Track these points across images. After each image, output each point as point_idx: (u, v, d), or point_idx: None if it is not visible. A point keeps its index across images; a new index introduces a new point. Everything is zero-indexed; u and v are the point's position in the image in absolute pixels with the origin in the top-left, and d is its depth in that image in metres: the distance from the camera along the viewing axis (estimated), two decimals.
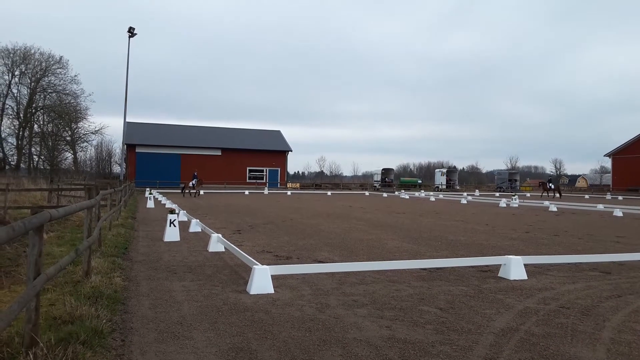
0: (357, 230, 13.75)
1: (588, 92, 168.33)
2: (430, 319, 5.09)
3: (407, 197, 40.32)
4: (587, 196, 49.47)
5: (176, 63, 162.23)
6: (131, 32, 50.54)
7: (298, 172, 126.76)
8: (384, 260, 8.33)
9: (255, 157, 64.38)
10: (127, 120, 54.27)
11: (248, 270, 6.63)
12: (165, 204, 23.42)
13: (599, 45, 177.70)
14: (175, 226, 11.01)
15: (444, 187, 66.73)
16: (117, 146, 70.64)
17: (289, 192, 46.80)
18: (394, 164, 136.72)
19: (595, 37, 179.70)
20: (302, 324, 4.85)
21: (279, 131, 72.91)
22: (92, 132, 61.62)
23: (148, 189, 30.69)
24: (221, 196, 37.55)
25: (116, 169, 75.01)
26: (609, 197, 45.74)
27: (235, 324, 4.81)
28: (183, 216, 15.22)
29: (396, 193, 48.60)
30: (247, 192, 44.68)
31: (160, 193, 36.49)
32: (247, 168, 64.08)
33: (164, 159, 58.43)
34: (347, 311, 5.32)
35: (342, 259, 8.73)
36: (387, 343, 4.31)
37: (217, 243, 9.38)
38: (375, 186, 68.31)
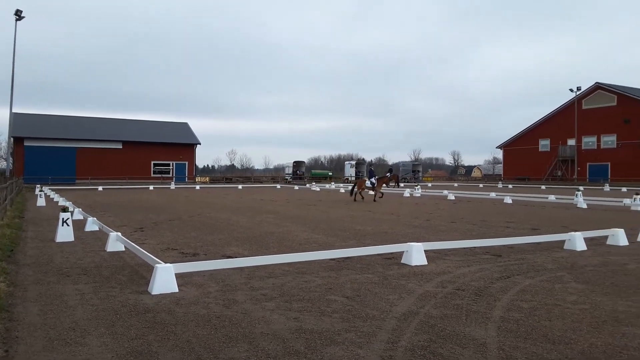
0: (268, 223, 13.68)
1: (484, 88, 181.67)
2: (337, 307, 5.18)
3: (318, 189, 40.91)
4: (481, 185, 53.45)
5: (73, 50, 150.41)
6: (18, 15, 45.90)
7: (207, 165, 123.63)
8: (294, 252, 8.35)
9: (160, 150, 61.62)
10: (14, 111, 49.33)
11: (150, 269, 6.30)
12: (58, 202, 21.66)
13: (496, 44, 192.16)
14: (68, 225, 10.20)
15: (354, 178, 68.63)
16: (3, 139, 64.10)
17: (197, 187, 45.45)
18: (305, 156, 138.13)
19: (493, 37, 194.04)
20: (207, 321, 4.70)
21: (186, 123, 70.45)
22: None
23: (38, 185, 28.19)
24: (122, 192, 35.51)
25: (1, 164, 68.11)
26: (500, 185, 49.77)
27: (134, 327, 4.54)
28: (78, 214, 14.16)
29: (307, 185, 49.12)
30: (151, 187, 42.69)
31: (53, 190, 33.72)
32: (152, 162, 61.18)
33: (57, 153, 53.92)
34: (255, 306, 5.25)
35: (252, 253, 8.62)
36: (295, 335, 4.31)
37: (116, 242, 8.82)
38: (287, 179, 68.55)
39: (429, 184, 55.61)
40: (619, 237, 9.77)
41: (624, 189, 37.80)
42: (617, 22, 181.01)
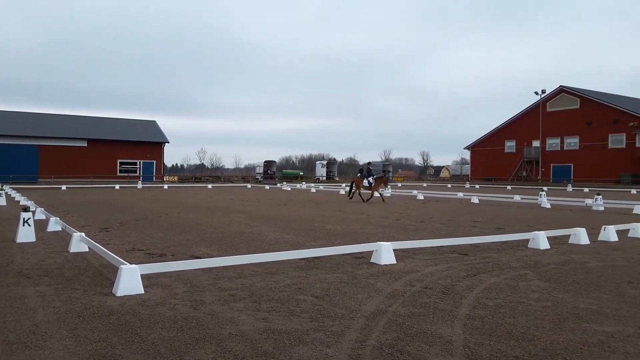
0: (238, 223, 13.56)
1: (453, 90, 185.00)
2: (306, 307, 5.17)
3: (289, 188, 40.83)
4: (449, 185, 54.37)
5: (32, 46, 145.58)
6: None
7: (176, 164, 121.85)
8: (264, 252, 8.30)
9: (127, 148, 60.36)
10: None
11: (115, 270, 6.15)
12: (19, 201, 20.93)
13: (464, 47, 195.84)
14: (30, 225, 9.86)
15: (324, 178, 68.82)
16: None
17: (165, 186, 44.66)
18: (276, 156, 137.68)
19: (461, 40, 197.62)
20: (174, 323, 4.62)
21: (154, 121, 69.22)
22: None
23: None
24: (87, 191, 34.60)
25: None
26: (467, 186, 50.77)
27: (98, 329, 4.42)
28: (40, 214, 13.71)
29: (278, 185, 48.97)
30: (117, 186, 41.70)
31: (14, 189, 32.58)
32: (118, 160, 59.92)
33: (18, 151, 52.08)
34: (223, 306, 5.18)
35: (221, 253, 8.52)
36: (263, 335, 4.27)
37: (79, 242, 8.57)
38: (258, 178, 68.19)
39: (399, 184, 56.24)
40: (580, 236, 10.08)
41: (586, 190, 39.11)
42: (580, 28, 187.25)
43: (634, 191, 36.52)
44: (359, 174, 25.95)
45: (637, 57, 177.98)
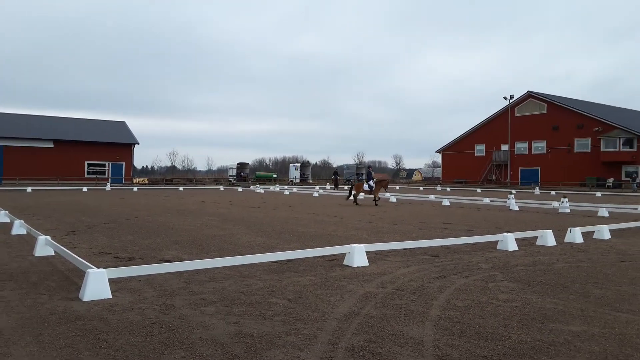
0: (210, 226, 13.40)
1: (426, 94, 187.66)
2: (278, 310, 5.14)
3: (262, 191, 40.62)
4: (421, 188, 55.04)
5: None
6: None
7: (146, 166, 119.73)
8: (236, 255, 8.21)
9: (95, 149, 59.02)
10: None
11: (82, 275, 5.98)
12: None
13: (436, 52, 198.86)
14: None
15: (298, 180, 68.72)
16: None
17: (135, 188, 43.79)
18: (249, 158, 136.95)
19: (434, 45, 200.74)
20: (142, 328, 4.52)
21: (123, 122, 67.91)
22: None
23: None
24: (53, 193, 33.64)
25: None
26: (439, 188, 51.48)
27: (64, 335, 4.29)
28: (4, 217, 13.26)
29: (251, 187, 48.63)
30: (85, 189, 40.67)
31: None
32: (86, 162, 58.50)
33: None
34: (193, 311, 5.11)
35: (192, 256, 8.40)
36: (234, 339, 4.23)
37: (45, 246, 8.32)
38: (231, 181, 67.59)
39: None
40: (547, 237, 10.34)
41: (553, 192, 40.19)
42: (548, 34, 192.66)
43: (598, 194, 37.74)
44: (332, 177, 25.96)
45: (603, 63, 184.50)
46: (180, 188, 46.07)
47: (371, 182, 23.03)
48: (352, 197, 23.74)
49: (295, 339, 4.24)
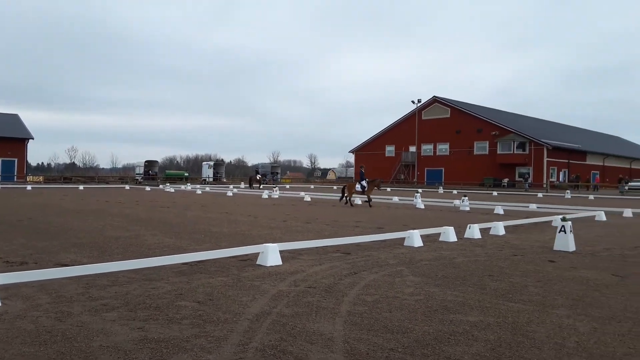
0: (113, 227, 12.65)
1: (340, 95, 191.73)
2: (187, 313, 4.96)
3: (173, 190, 39.16)
4: (335, 187, 56.13)
5: None
6: None
7: (42, 163, 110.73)
8: (142, 257, 7.82)
9: None
10: None
11: None
12: None
13: (352, 54, 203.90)
14: None
15: (212, 179, 67.09)
16: None
17: (29, 187, 40.23)
18: (159, 156, 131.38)
19: (350, 47, 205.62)
20: (36, 337, 4.15)
21: (16, 115, 62.28)
22: None
23: None
24: None
25: None
26: None
27: None
28: None
29: (161, 186, 46.69)
30: None
31: None
32: None
33: None
34: (93, 317, 4.78)
35: (92, 260, 7.87)
36: (138, 345, 4.02)
37: None
38: (138, 179, 64.39)
39: (287, 186, 56.82)
40: (449, 234, 10.99)
41: (455, 192, 42.89)
42: (454, 42, 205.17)
43: (495, 193, 40.96)
44: (255, 173, 25.59)
45: (502, 72, 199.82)
46: (81, 187, 43.04)
47: (364, 182, 22.37)
48: (344, 199, 23.35)
49: (204, 342, 4.12)
